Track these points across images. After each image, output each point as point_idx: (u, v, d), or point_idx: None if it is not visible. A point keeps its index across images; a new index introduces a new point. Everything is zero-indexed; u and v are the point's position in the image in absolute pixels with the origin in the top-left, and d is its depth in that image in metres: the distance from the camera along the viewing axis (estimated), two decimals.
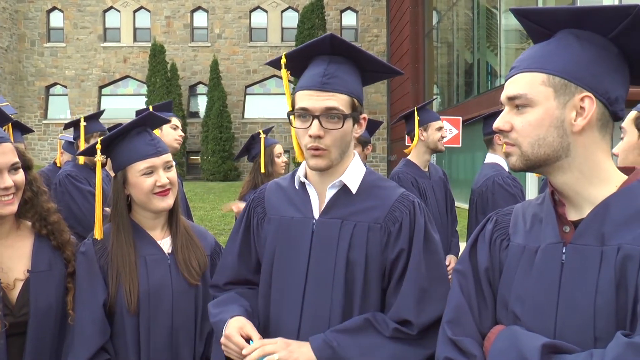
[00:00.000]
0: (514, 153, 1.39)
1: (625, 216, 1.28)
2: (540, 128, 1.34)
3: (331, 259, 1.76)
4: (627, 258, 1.23)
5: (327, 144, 1.73)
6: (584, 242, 1.30)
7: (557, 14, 1.37)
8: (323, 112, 1.70)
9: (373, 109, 25.50)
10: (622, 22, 1.29)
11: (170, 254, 2.18)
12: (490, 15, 15.37)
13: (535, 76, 1.35)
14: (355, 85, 1.79)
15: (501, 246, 1.50)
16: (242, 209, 2.04)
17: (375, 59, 1.85)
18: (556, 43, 1.36)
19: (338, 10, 26.52)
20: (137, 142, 2.14)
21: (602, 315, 1.24)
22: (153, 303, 2.09)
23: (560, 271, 1.32)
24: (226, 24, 26.42)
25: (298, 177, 1.88)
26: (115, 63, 26.28)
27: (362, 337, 1.68)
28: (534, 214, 1.47)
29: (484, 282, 1.49)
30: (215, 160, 24.03)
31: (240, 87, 26.23)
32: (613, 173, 1.36)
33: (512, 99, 1.37)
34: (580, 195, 1.35)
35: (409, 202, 1.81)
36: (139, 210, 2.20)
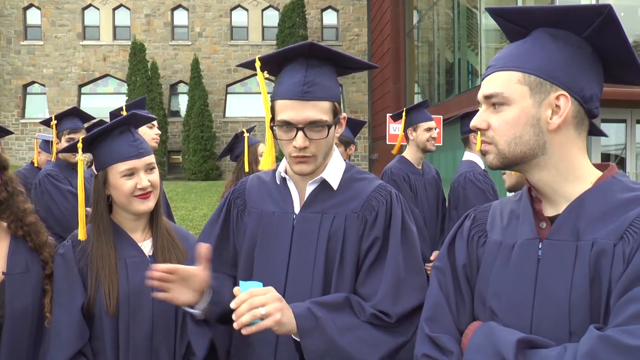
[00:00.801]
0: (491, 151, 1.40)
1: (599, 212, 1.31)
2: (517, 126, 1.36)
3: (311, 252, 1.78)
4: (600, 253, 1.26)
5: (312, 152, 1.74)
6: (559, 237, 1.33)
7: (532, 13, 1.39)
8: (307, 124, 1.70)
9: (354, 108, 25.53)
10: (594, 22, 1.31)
11: (151, 256, 2.16)
12: (471, 15, 15.47)
13: (511, 75, 1.36)
14: (334, 87, 1.79)
15: (478, 243, 1.52)
16: (222, 199, 2.05)
17: (351, 58, 1.86)
18: (532, 42, 1.38)
19: (319, 9, 26.50)
20: (119, 143, 2.11)
21: (577, 310, 1.26)
22: (133, 306, 2.06)
23: (536, 266, 1.34)
24: (207, 23, 26.27)
25: (279, 172, 1.89)
26: (94, 61, 25.98)
27: (340, 315, 1.69)
28: (511, 211, 1.49)
29: (462, 279, 1.51)
30: (197, 159, 23.89)
31: (222, 86, 26.11)
32: (588, 170, 1.39)
33: (488, 97, 1.38)
34: (557, 192, 1.38)
35: (386, 192, 1.83)
36: (120, 211, 2.17)
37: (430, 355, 1.43)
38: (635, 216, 1.26)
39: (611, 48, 1.36)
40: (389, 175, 4.19)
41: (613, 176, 1.37)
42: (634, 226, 1.25)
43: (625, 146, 11.97)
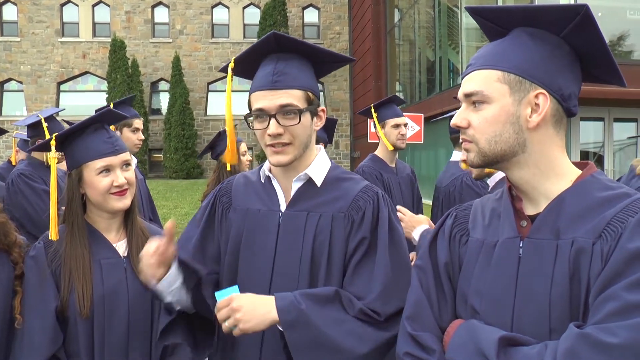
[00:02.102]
0: (472, 150, 1.40)
1: (578, 210, 1.32)
2: (497, 124, 1.36)
3: (297, 250, 1.78)
4: (580, 251, 1.27)
5: (288, 140, 1.74)
6: (540, 236, 1.34)
7: (510, 12, 1.40)
8: (278, 110, 1.72)
9: (336, 106, 25.58)
10: (572, 21, 1.33)
11: (126, 257, 2.11)
12: (452, 14, 15.57)
13: (490, 73, 1.37)
14: (308, 78, 1.80)
15: (460, 241, 1.52)
16: (208, 197, 2.03)
17: (322, 50, 1.86)
18: (510, 41, 1.39)
19: (300, 7, 26.50)
20: (93, 140, 2.06)
21: (557, 307, 1.28)
22: (108, 308, 2.02)
23: (517, 265, 1.35)
24: (187, 20, 26.13)
25: (263, 171, 1.90)
26: (74, 58, 25.72)
27: (329, 308, 1.68)
28: (493, 209, 1.50)
29: (444, 277, 1.51)
30: (178, 157, 23.77)
31: (203, 83, 25.99)
32: (568, 168, 1.40)
33: (468, 95, 1.38)
34: (537, 190, 1.39)
35: (373, 193, 1.83)
36: (94, 210, 2.11)
37: (412, 354, 1.43)
38: (613, 215, 1.28)
39: (588, 47, 1.38)
40: (361, 174, 4.14)
41: (592, 175, 1.38)
42: (612, 225, 1.26)
43: (603, 144, 12.14)
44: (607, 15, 11.84)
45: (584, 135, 12.02)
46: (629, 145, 12.46)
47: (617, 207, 1.29)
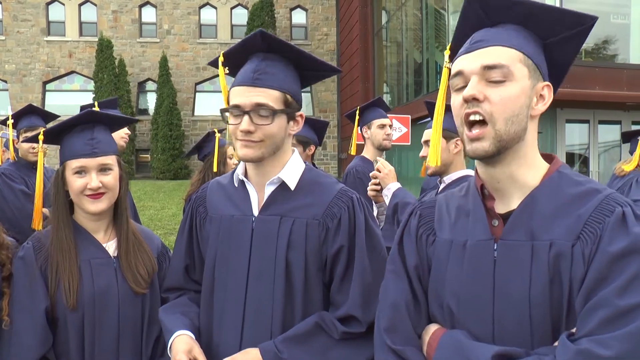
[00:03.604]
0: (486, 136, 1.32)
1: (551, 209, 1.33)
2: (516, 104, 1.33)
3: (271, 256, 1.77)
4: (559, 254, 1.28)
5: (258, 138, 1.74)
6: (514, 237, 1.34)
7: (518, 4, 1.37)
8: (253, 108, 1.72)
9: (323, 107, 25.58)
10: (573, 29, 1.37)
11: (116, 257, 2.11)
12: (439, 16, 15.64)
13: (514, 52, 1.35)
14: (289, 81, 1.80)
15: (427, 242, 1.51)
16: (185, 210, 2.05)
17: (310, 56, 1.85)
18: (518, 31, 1.38)
19: (288, 8, 26.47)
20: (76, 139, 2.06)
21: (537, 309, 1.29)
22: (98, 308, 2.01)
23: (493, 267, 1.35)
24: (175, 20, 26.01)
25: (237, 174, 1.89)
26: (60, 58, 25.49)
27: (313, 342, 1.70)
28: (459, 207, 1.49)
29: (415, 281, 1.50)
30: (165, 158, 23.64)
31: (190, 84, 25.88)
32: (540, 160, 1.43)
33: (490, 68, 1.32)
34: (517, 183, 1.38)
35: (348, 198, 1.83)
36: (79, 210, 2.11)
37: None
38: (588, 214, 1.29)
39: (561, 57, 1.43)
40: (354, 174, 4.15)
41: (558, 170, 1.39)
42: (589, 226, 1.27)
43: (588, 146, 12.25)
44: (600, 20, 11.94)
45: (570, 137, 12.11)
46: (613, 147, 12.58)
47: (589, 204, 1.30)
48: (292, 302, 1.77)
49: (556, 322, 1.28)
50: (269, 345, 1.70)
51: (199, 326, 1.89)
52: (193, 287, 1.99)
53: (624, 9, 11.95)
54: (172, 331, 1.82)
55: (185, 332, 1.80)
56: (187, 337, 1.79)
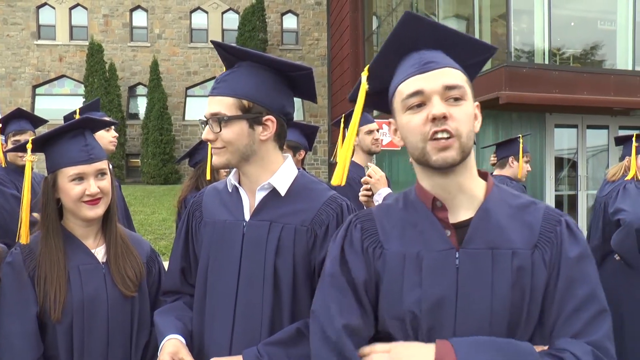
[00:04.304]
0: (453, 146, 1.38)
1: (502, 219, 1.43)
2: (471, 120, 1.43)
3: (260, 261, 1.79)
4: (521, 261, 1.38)
5: (219, 146, 1.82)
6: (474, 246, 1.41)
7: (445, 32, 1.48)
8: (210, 117, 1.81)
9: (314, 112, 25.62)
10: (482, 57, 1.52)
11: (104, 263, 2.10)
12: None
13: (461, 74, 1.45)
14: (250, 87, 1.81)
15: (375, 255, 1.49)
16: (182, 215, 2.07)
17: (273, 58, 1.85)
18: (448, 56, 1.48)
19: (279, 13, 26.52)
20: (70, 146, 2.05)
21: (497, 315, 1.36)
22: (88, 314, 2.00)
23: (456, 275, 1.39)
24: (166, 24, 25.98)
25: (229, 180, 1.93)
26: (50, 62, 25.38)
27: (294, 348, 1.72)
28: (402, 219, 1.51)
29: (364, 297, 1.47)
30: (156, 163, 23.56)
31: (181, 88, 25.84)
32: (477, 175, 1.53)
33: (451, 88, 1.39)
34: (467, 194, 1.46)
35: (337, 205, 1.85)
36: (71, 217, 2.10)
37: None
38: (539, 225, 1.42)
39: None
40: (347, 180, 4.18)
41: (496, 185, 1.51)
42: (544, 235, 1.41)
43: (577, 150, 12.35)
44: (578, 26, 12.09)
45: (558, 141, 12.21)
46: (601, 152, 12.69)
47: (536, 215, 1.44)
48: (280, 308, 1.78)
49: (513, 329, 1.36)
50: (251, 350, 1.73)
51: (192, 330, 1.91)
52: (189, 290, 2.01)
53: (610, 16, 12.08)
54: (164, 335, 1.85)
55: (176, 336, 1.83)
56: (176, 341, 1.81)
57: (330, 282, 1.49)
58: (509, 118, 11.67)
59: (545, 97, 10.47)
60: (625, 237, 3.88)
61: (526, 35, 11.69)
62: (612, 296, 4.16)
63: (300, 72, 1.89)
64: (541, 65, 11.15)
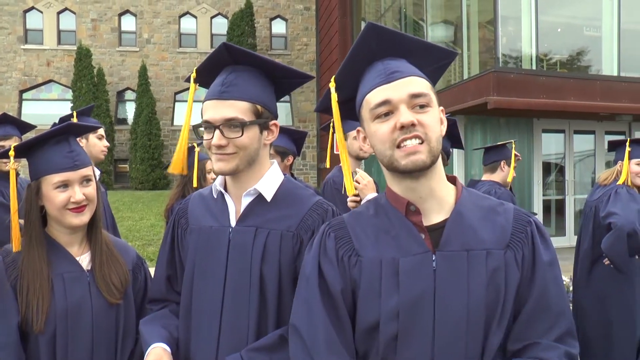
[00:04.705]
0: (423, 150, 1.40)
1: (475, 221, 1.47)
2: (438, 126, 1.46)
3: (246, 268, 1.78)
4: (495, 262, 1.42)
5: (232, 151, 1.76)
6: (451, 248, 1.44)
7: (406, 40, 1.52)
8: (223, 122, 1.73)
9: (303, 117, 25.65)
10: (443, 62, 1.56)
11: (89, 270, 2.06)
12: (418, 27, 15.81)
13: (425, 82, 1.49)
14: (259, 91, 1.81)
15: (350, 263, 1.50)
16: (168, 222, 2.05)
17: (279, 65, 1.86)
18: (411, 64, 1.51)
19: (268, 18, 26.56)
20: (54, 153, 2.00)
21: (474, 312, 1.39)
22: (72, 323, 1.96)
23: (433, 277, 1.42)
24: (155, 29, 25.93)
25: (215, 186, 1.91)
26: (37, 66, 25.23)
27: (277, 354, 1.71)
28: (374, 225, 1.53)
29: (341, 307, 1.49)
30: (144, 168, 23.47)
31: (170, 93, 25.78)
32: (445, 179, 1.56)
33: (417, 96, 1.43)
34: (439, 198, 1.50)
35: (323, 210, 1.84)
36: (55, 224, 2.06)
37: None
38: (510, 226, 1.47)
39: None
40: (331, 185, 4.12)
41: (465, 188, 1.55)
42: (515, 236, 1.46)
43: (564, 155, 12.45)
44: (565, 32, 12.20)
45: (546, 146, 12.32)
46: (588, 157, 12.80)
47: (506, 216, 1.50)
48: (266, 315, 1.77)
49: (488, 325, 1.40)
50: (235, 357, 1.72)
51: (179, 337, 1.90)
52: (175, 298, 1.99)
53: (595, 22, 12.22)
54: (149, 343, 1.83)
55: (160, 345, 1.81)
56: (160, 350, 1.80)
57: (303, 292, 1.53)
58: (497, 123, 11.75)
59: (532, 102, 10.55)
60: (615, 240, 3.90)
61: (514, 41, 11.79)
62: (602, 301, 4.19)
63: (299, 80, 1.92)
64: (529, 71, 11.25)
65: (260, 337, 1.75)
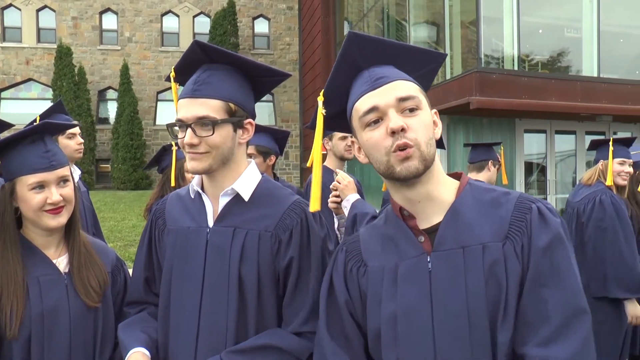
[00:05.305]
0: (414, 156, 1.39)
1: (473, 216, 1.42)
2: (429, 128, 1.43)
3: (224, 268, 1.76)
4: (492, 255, 1.37)
5: (204, 150, 1.74)
6: (445, 247, 1.41)
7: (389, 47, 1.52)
8: (195, 120, 1.71)
9: (285, 117, 25.63)
10: (431, 66, 1.55)
11: (67, 273, 2.00)
12: (400, 27, 15.86)
13: (413, 85, 1.47)
14: (233, 90, 1.79)
15: (359, 273, 1.54)
16: (146, 223, 2.03)
17: (254, 63, 1.84)
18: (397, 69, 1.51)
19: (250, 17, 26.50)
20: (29, 153, 1.93)
21: (474, 311, 1.35)
22: (48, 327, 1.90)
23: (429, 279, 1.40)
24: (136, 28, 25.74)
25: (192, 186, 1.89)
26: (16, 65, 24.92)
27: (258, 357, 1.70)
28: (382, 235, 1.54)
29: (346, 316, 1.54)
30: (126, 168, 23.30)
31: (152, 92, 25.61)
32: (446, 177, 1.54)
33: (405, 99, 1.41)
34: (436, 200, 1.47)
35: (301, 210, 1.82)
36: (30, 226, 1.99)
37: None
38: (509, 215, 1.40)
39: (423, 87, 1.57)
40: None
41: (469, 183, 1.51)
42: (514, 225, 1.39)
43: (545, 155, 12.56)
44: (546, 33, 12.32)
45: (528, 146, 12.41)
46: (569, 156, 12.93)
47: (507, 206, 1.42)
48: (245, 316, 1.75)
49: (493, 322, 1.34)
50: (214, 359, 1.70)
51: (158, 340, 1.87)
52: (153, 300, 1.96)
53: (576, 24, 12.36)
54: (128, 348, 1.80)
55: (140, 349, 1.78)
56: (139, 354, 1.77)
57: (321, 306, 1.60)
58: (479, 123, 11.82)
59: (514, 102, 10.64)
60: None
61: (496, 42, 11.88)
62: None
63: (277, 78, 1.89)
64: (511, 71, 11.33)
65: (239, 339, 1.74)
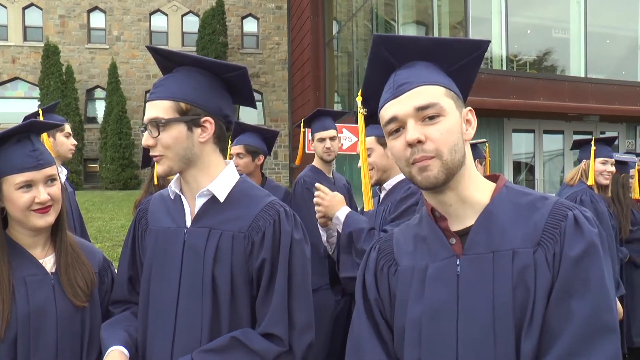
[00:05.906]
0: (433, 166, 1.36)
1: (507, 220, 1.38)
2: (454, 134, 1.38)
3: (199, 269, 1.78)
4: (522, 261, 1.32)
5: (159, 152, 1.79)
6: (475, 251, 1.38)
7: (420, 42, 1.46)
8: (147, 122, 1.78)
9: (275, 117, 25.59)
10: (472, 56, 1.47)
11: (54, 273, 1.99)
12: (389, 27, 15.89)
13: (437, 88, 1.40)
14: (187, 89, 1.81)
15: (389, 272, 1.53)
16: (131, 223, 2.05)
17: (207, 60, 1.85)
18: (428, 67, 1.46)
19: (239, 17, 26.43)
20: (15, 152, 1.91)
21: (500, 320, 1.31)
22: (34, 328, 1.89)
23: (457, 282, 1.38)
24: (125, 26, 25.59)
25: (170, 187, 1.91)
26: (2, 63, 24.68)
27: (229, 355, 1.71)
28: (415, 235, 1.53)
29: (377, 313, 1.54)
30: (115, 168, 23.15)
31: (140, 92, 25.48)
32: (483, 179, 1.49)
33: (424, 108, 1.37)
34: (468, 202, 1.43)
35: (275, 212, 1.83)
36: (16, 226, 1.98)
37: None
38: (544, 221, 1.34)
39: (463, 81, 1.51)
40: (302, 184, 4.12)
41: (505, 185, 1.46)
42: (547, 232, 1.33)
43: (534, 154, 12.64)
44: (534, 33, 12.40)
45: (516, 146, 12.49)
46: (557, 156, 13.02)
47: (542, 211, 1.37)
48: (219, 317, 1.77)
49: (519, 329, 1.31)
50: (186, 358, 1.72)
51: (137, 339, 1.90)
52: (137, 299, 1.97)
53: (563, 24, 12.45)
54: (107, 347, 1.82)
55: (118, 348, 1.81)
56: (117, 352, 1.79)
57: (357, 304, 1.59)
58: None
59: (503, 102, 10.70)
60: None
61: None
62: None
63: (234, 73, 1.87)
64: (499, 71, 11.40)
65: (213, 339, 1.75)
